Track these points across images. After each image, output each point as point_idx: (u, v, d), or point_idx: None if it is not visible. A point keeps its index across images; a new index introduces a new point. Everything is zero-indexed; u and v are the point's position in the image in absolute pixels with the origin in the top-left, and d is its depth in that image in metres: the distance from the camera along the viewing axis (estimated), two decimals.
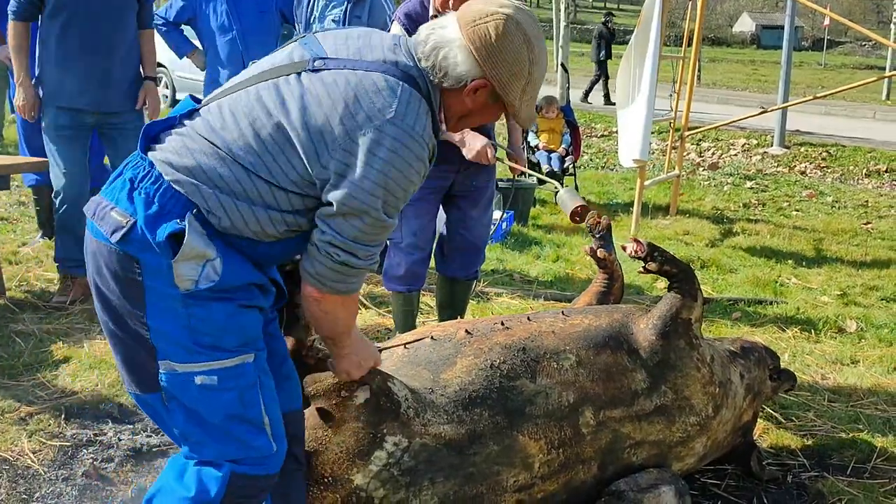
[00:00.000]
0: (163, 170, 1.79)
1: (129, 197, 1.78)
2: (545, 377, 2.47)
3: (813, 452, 3.28)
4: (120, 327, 1.86)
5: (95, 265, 1.84)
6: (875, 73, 27.29)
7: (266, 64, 1.91)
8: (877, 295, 5.37)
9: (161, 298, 1.78)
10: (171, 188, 1.78)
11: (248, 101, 1.83)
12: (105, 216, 1.78)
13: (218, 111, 1.85)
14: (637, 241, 2.79)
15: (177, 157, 1.80)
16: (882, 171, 10.90)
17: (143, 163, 1.81)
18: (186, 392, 1.83)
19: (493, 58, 1.85)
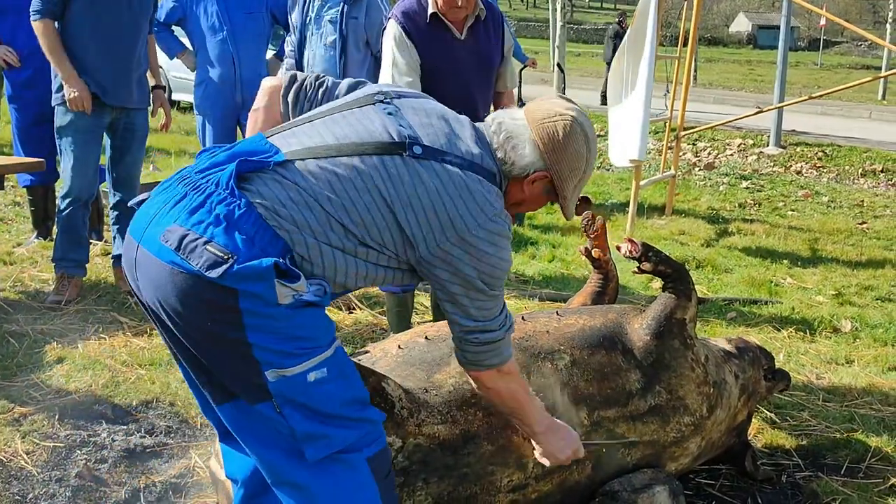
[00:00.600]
0: (266, 215, 1.86)
1: (227, 233, 1.82)
2: (540, 377, 2.47)
3: (807, 452, 3.28)
4: (206, 349, 1.89)
5: (169, 292, 1.83)
6: (871, 72, 27.34)
7: (353, 128, 2.01)
8: (872, 295, 5.38)
9: (259, 318, 1.83)
10: (272, 233, 1.86)
11: (351, 169, 1.93)
12: (196, 249, 1.79)
13: (320, 172, 1.92)
14: (631, 242, 2.80)
15: (283, 208, 1.87)
16: (878, 171, 10.91)
17: (238, 201, 1.85)
18: (303, 391, 1.90)
19: (557, 154, 2.08)
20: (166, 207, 1.88)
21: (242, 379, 1.89)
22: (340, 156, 1.95)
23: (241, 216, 1.84)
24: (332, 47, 4.84)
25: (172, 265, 1.81)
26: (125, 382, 3.53)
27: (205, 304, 1.82)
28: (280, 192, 1.89)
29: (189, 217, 1.84)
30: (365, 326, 4.30)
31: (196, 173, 1.93)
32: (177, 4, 5.34)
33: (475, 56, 3.60)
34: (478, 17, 3.58)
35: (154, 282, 1.86)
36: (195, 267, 1.79)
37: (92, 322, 4.17)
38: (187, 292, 1.82)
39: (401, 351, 2.47)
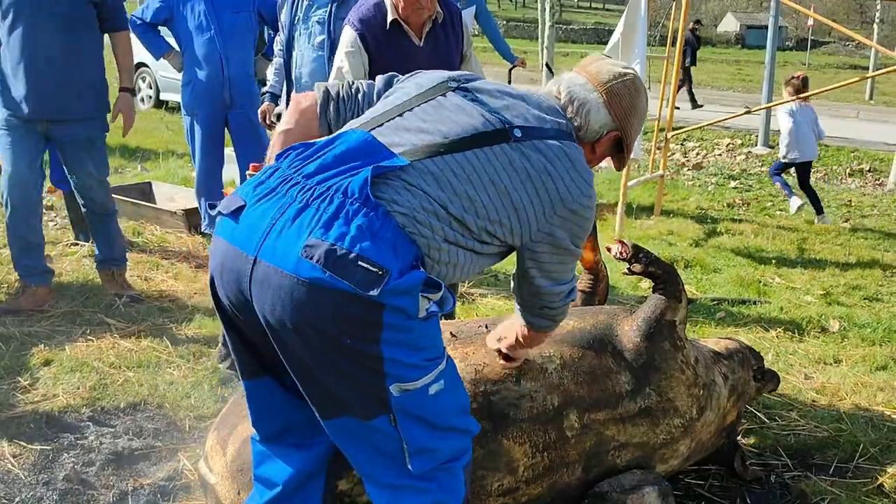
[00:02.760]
0: (405, 222, 1.83)
1: (374, 246, 1.76)
2: (529, 380, 2.47)
3: (796, 452, 3.29)
4: (330, 364, 1.83)
5: (304, 308, 1.76)
6: (858, 72, 27.46)
7: (454, 121, 1.99)
8: (859, 294, 5.40)
9: (398, 332, 1.81)
10: (410, 240, 1.83)
11: (468, 165, 1.93)
12: (347, 266, 1.73)
13: (440, 172, 1.91)
14: (622, 243, 2.80)
15: (418, 214, 1.85)
16: (865, 171, 10.96)
17: (375, 210, 1.80)
18: (423, 404, 1.90)
19: (628, 114, 2.18)
20: (285, 217, 1.79)
21: (364, 393, 1.84)
22: (453, 152, 1.94)
23: (382, 226, 1.79)
24: (319, 48, 4.84)
25: (315, 281, 1.73)
26: (113, 385, 3.51)
27: (345, 320, 1.77)
28: (412, 199, 1.85)
29: (326, 230, 1.75)
30: None
31: (306, 178, 1.84)
32: (163, 4, 5.33)
33: (434, 62, 3.55)
34: (435, 21, 3.57)
35: (283, 297, 1.77)
36: (349, 284, 1.73)
37: (79, 324, 4.15)
38: (328, 308, 1.75)
39: None
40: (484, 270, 5.37)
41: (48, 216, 6.07)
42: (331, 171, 1.85)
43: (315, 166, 1.86)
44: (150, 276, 4.96)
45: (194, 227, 5.82)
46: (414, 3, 3.42)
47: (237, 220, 1.85)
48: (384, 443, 1.89)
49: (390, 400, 1.85)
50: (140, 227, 5.94)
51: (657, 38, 23.07)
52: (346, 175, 1.83)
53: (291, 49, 4.94)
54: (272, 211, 1.81)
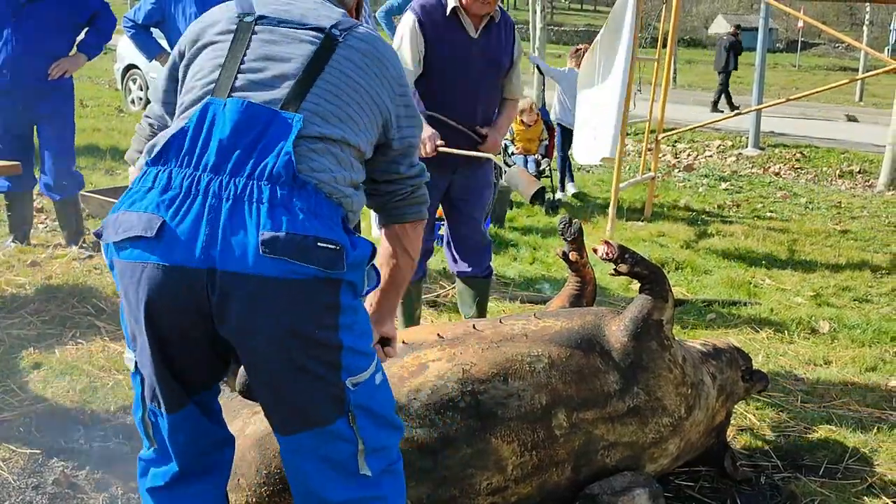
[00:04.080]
0: (329, 190, 1.78)
1: (321, 224, 1.73)
2: (518, 380, 2.47)
3: (786, 453, 3.30)
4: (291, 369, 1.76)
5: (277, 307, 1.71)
6: (848, 74, 27.59)
7: (290, 52, 1.88)
8: (849, 296, 5.42)
9: (350, 313, 1.79)
10: (335, 204, 1.79)
11: (332, 85, 1.86)
12: (308, 250, 1.69)
13: (326, 109, 1.83)
14: (608, 244, 2.80)
15: (333, 174, 1.80)
16: (855, 172, 11.01)
17: (307, 188, 1.75)
18: (372, 396, 1.87)
19: None
20: (222, 220, 1.69)
21: (324, 395, 1.79)
22: (313, 82, 1.84)
23: (317, 203, 1.74)
24: None
25: (284, 274, 1.68)
26: (103, 388, 3.50)
27: (314, 309, 1.74)
28: (322, 159, 1.79)
29: (273, 220, 1.69)
30: None
31: (215, 171, 1.72)
32: (155, 6, 5.31)
33: (485, 56, 3.65)
34: (491, 18, 3.64)
35: (251, 301, 1.69)
36: (316, 268, 1.70)
37: (69, 327, 4.14)
38: (299, 300, 1.71)
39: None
40: None
41: (38, 218, 6.05)
42: (236, 156, 1.74)
43: (214, 156, 1.74)
44: None
45: None
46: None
47: (159, 239, 1.70)
48: (340, 451, 1.83)
49: (348, 396, 1.81)
50: None
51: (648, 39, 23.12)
52: (258, 157, 1.74)
53: None
54: (202, 217, 1.70)
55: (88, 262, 5.12)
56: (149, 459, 1.95)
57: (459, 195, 3.77)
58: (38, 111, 5.11)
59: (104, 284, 4.73)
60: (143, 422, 1.89)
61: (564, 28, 52.39)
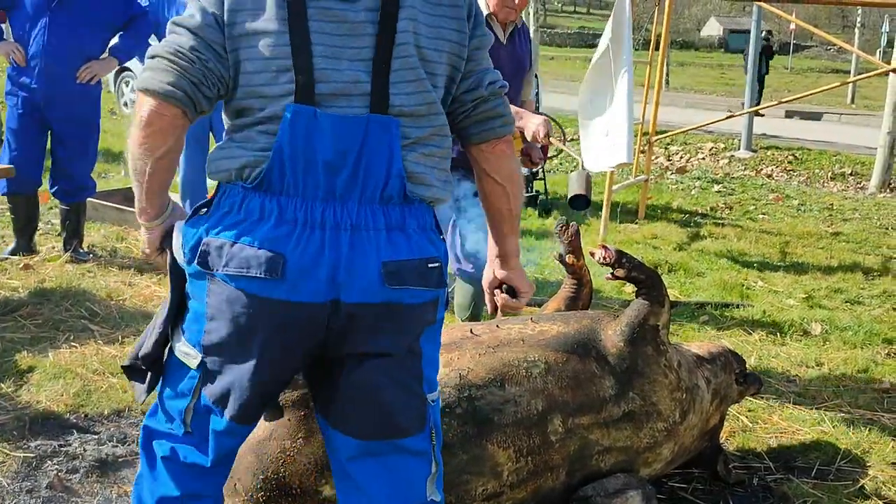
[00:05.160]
0: (432, 200, 1.80)
1: (428, 240, 1.78)
2: (514, 385, 2.48)
3: (778, 455, 3.31)
4: (392, 381, 1.79)
5: (399, 331, 1.76)
6: (840, 76, 27.70)
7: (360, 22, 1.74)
8: (841, 297, 5.45)
9: (439, 326, 1.85)
10: (433, 210, 1.83)
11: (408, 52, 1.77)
12: (424, 274, 1.74)
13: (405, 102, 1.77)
14: (605, 248, 2.81)
15: (433, 177, 1.80)
16: (847, 175, 11.06)
17: (414, 204, 1.77)
18: (438, 420, 1.89)
19: None
20: (342, 251, 1.68)
21: (413, 405, 1.81)
22: (393, 61, 1.73)
23: (423, 215, 1.78)
24: None
25: (409, 299, 1.73)
26: (97, 391, 3.50)
27: (423, 325, 1.80)
28: (422, 168, 1.78)
29: (392, 246, 1.71)
30: None
31: (325, 199, 1.69)
32: (148, 8, 5.31)
33: (513, 60, 3.71)
34: (515, 24, 3.71)
35: (376, 329, 1.73)
36: (432, 290, 1.75)
37: (63, 330, 4.13)
38: (418, 321, 1.77)
39: None
40: None
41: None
42: (345, 179, 1.69)
43: (323, 181, 1.69)
44: (134, 282, 4.94)
45: None
46: (507, 1, 3.54)
47: (283, 277, 1.67)
48: (415, 470, 1.84)
49: (429, 411, 1.83)
50: (124, 233, 5.91)
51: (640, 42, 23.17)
52: (365, 176, 1.70)
53: None
54: (323, 250, 1.68)
55: (82, 265, 5.11)
56: (173, 436, 1.90)
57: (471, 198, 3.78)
58: (63, 114, 4.96)
59: (98, 287, 4.73)
60: (186, 409, 1.85)
61: (557, 30, 52.46)
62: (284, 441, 2.17)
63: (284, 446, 2.17)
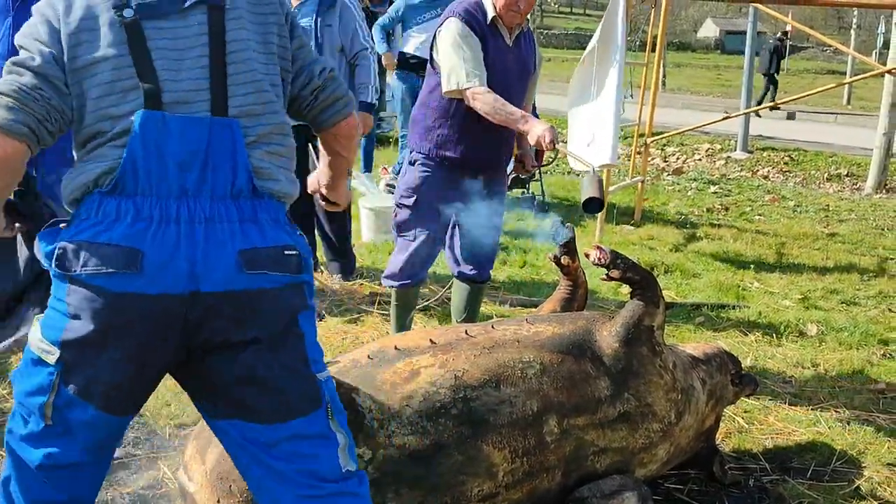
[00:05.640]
0: (280, 195, 1.93)
1: (281, 230, 1.89)
2: (509, 386, 2.48)
3: (774, 456, 3.32)
4: (267, 366, 1.87)
5: (261, 317, 1.84)
6: (836, 77, 27.74)
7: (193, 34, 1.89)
8: (837, 298, 5.46)
9: (312, 312, 1.96)
10: (282, 206, 1.95)
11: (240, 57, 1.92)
12: (280, 259, 1.85)
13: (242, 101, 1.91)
14: (600, 249, 2.82)
15: (279, 174, 1.93)
16: (843, 176, 11.08)
17: (264, 199, 1.89)
18: (335, 396, 2.00)
19: None
20: (198, 243, 1.78)
21: (301, 386, 1.90)
22: (228, 67, 1.88)
23: (274, 209, 1.89)
24: None
25: (264, 284, 1.83)
26: None
27: (288, 312, 1.90)
28: (268, 164, 1.91)
29: (246, 237, 1.83)
30: (335, 334, 4.29)
31: (179, 197, 1.79)
32: None
33: (519, 64, 3.71)
34: (521, 28, 3.71)
35: (236, 316, 1.82)
36: (289, 275, 1.87)
37: None
38: (278, 307, 1.87)
39: (371, 361, 2.47)
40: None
41: None
42: (195, 177, 1.81)
43: (175, 180, 1.80)
44: None
45: None
46: (512, 4, 3.52)
47: (140, 271, 1.75)
48: (323, 447, 1.92)
49: (321, 388, 1.93)
50: None
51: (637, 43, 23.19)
52: (213, 174, 1.82)
53: None
54: (178, 243, 1.77)
55: None
56: (29, 436, 1.90)
57: (484, 200, 3.78)
58: None
59: None
60: (45, 405, 1.85)
61: (554, 31, 52.50)
62: None
63: None
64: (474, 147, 3.64)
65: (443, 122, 3.64)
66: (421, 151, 3.70)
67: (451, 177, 3.68)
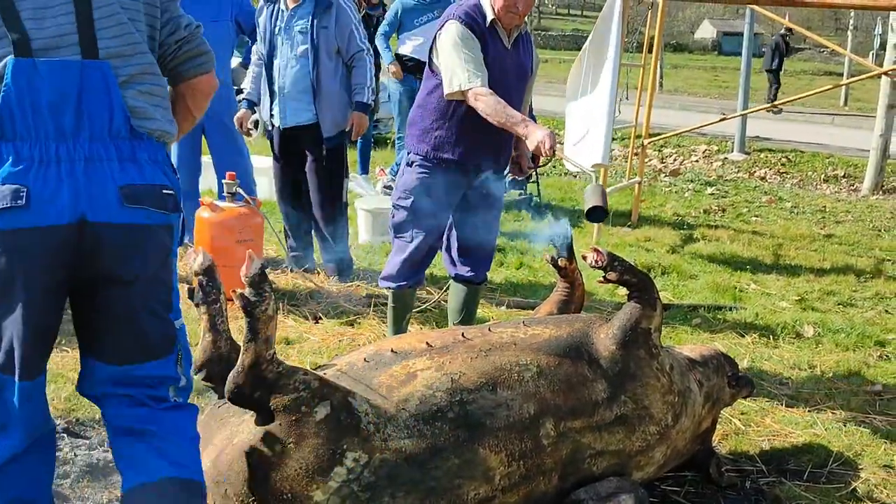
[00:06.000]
0: (159, 134, 2.06)
1: (161, 170, 2.03)
2: (506, 389, 2.48)
3: (771, 458, 3.32)
4: (140, 306, 2.03)
5: (136, 252, 1.98)
6: (833, 79, 27.78)
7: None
8: (833, 300, 5.45)
9: (175, 257, 2.11)
10: (162, 145, 2.08)
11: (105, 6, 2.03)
12: (160, 196, 2.00)
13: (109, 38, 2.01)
14: (597, 251, 2.81)
15: (157, 112, 2.07)
16: (840, 177, 11.08)
17: (143, 138, 2.01)
18: (186, 343, 2.16)
19: None
20: (78, 179, 1.90)
21: (161, 330, 2.08)
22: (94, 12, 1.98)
23: (153, 149, 2.03)
24: (303, 57, 4.84)
25: (148, 221, 1.98)
26: None
27: (162, 251, 2.05)
28: (143, 104, 2.03)
29: (125, 174, 1.95)
30: (332, 336, 4.29)
31: (58, 138, 1.90)
32: None
33: (517, 66, 3.71)
34: (520, 30, 3.70)
35: (125, 249, 1.96)
36: (164, 213, 2.00)
37: None
38: (153, 242, 2.01)
39: (367, 364, 2.47)
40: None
41: None
42: (71, 119, 1.91)
43: (51, 123, 1.90)
44: None
45: None
46: (511, 6, 3.51)
47: (27, 206, 1.86)
48: (162, 388, 2.10)
49: (177, 335, 2.11)
50: None
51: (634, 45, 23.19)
52: (90, 116, 1.92)
53: (273, 59, 4.94)
54: (62, 180, 1.89)
55: None
56: None
57: (481, 201, 3.78)
58: None
59: None
60: None
61: (552, 33, 52.52)
62: (275, 446, 2.16)
63: (275, 451, 2.16)
64: (472, 149, 3.64)
65: (441, 123, 3.64)
66: (418, 153, 3.69)
67: (449, 178, 3.68)
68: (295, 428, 2.17)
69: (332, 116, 4.94)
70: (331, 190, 5.10)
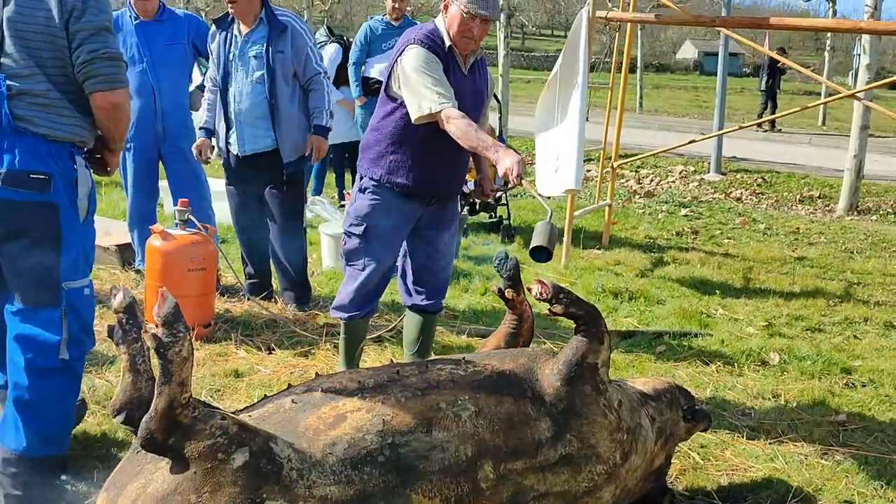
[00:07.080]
0: (46, 132, 2.73)
1: (36, 159, 2.72)
2: (441, 430, 2.37)
3: (728, 494, 3.22)
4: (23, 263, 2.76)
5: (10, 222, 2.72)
6: (813, 98, 27.94)
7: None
8: (801, 325, 5.37)
9: (69, 233, 2.79)
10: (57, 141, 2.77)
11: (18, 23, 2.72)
12: (22, 180, 2.69)
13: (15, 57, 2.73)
14: (542, 283, 2.71)
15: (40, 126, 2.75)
16: (815, 197, 11.07)
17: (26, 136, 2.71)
18: (82, 302, 2.84)
19: None
20: None
21: (47, 286, 2.74)
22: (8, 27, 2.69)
23: (35, 144, 2.69)
24: (259, 83, 4.76)
25: (11, 197, 2.68)
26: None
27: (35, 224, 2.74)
28: (31, 111, 2.70)
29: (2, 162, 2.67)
30: (283, 368, 4.16)
31: None
32: None
33: (474, 92, 3.65)
34: (476, 56, 3.65)
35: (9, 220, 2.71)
36: (30, 193, 2.70)
37: None
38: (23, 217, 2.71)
39: (295, 405, 2.35)
40: None
41: None
42: None
43: None
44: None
45: (127, 262, 5.66)
46: (466, 31, 3.46)
47: None
48: (48, 335, 2.75)
49: (63, 295, 2.74)
50: None
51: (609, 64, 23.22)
52: None
53: (228, 85, 4.84)
54: None
55: None
56: None
57: (428, 223, 3.69)
58: None
59: None
60: None
61: (535, 53, 52.74)
62: (190, 495, 2.04)
63: (189, 501, 2.04)
64: (426, 174, 3.55)
65: (396, 147, 3.55)
66: (372, 178, 3.60)
67: (402, 204, 3.59)
68: (211, 476, 2.05)
69: (293, 141, 4.85)
70: (290, 216, 5.00)
